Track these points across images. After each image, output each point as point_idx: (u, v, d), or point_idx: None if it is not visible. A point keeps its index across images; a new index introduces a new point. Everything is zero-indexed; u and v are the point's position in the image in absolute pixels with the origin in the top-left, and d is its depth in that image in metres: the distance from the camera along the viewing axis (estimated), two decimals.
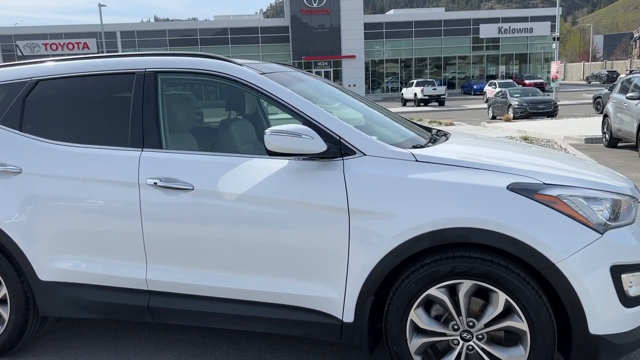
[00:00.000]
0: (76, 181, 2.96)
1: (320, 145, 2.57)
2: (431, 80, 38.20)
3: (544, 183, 2.43)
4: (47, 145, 3.06)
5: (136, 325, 3.60)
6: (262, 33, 50.61)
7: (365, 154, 2.62)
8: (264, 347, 3.28)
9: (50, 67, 3.24)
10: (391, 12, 63.88)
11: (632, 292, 2.40)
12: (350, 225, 2.55)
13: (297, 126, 2.61)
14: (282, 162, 2.68)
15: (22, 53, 45.63)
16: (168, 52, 3.16)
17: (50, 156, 3.03)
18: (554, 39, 33.17)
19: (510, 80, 35.71)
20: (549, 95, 26.25)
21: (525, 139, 13.30)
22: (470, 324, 2.47)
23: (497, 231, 2.35)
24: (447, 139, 3.21)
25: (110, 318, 3.09)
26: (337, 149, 2.62)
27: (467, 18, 53.93)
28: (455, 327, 2.49)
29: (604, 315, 2.35)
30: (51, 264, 3.03)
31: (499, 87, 29.50)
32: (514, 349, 2.45)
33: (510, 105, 21.99)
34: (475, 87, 45.94)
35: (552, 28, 40.92)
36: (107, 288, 3.00)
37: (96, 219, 2.95)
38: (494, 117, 23.13)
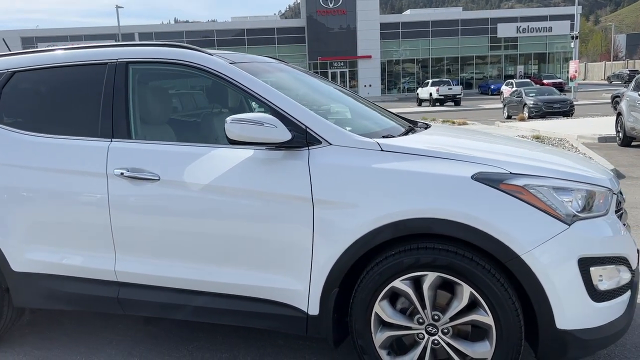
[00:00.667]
0: (47, 172, 2.95)
1: (285, 134, 2.52)
2: (447, 80, 37.78)
3: (511, 173, 2.35)
4: (20, 137, 3.06)
5: (113, 317, 3.59)
6: (278, 34, 50.68)
7: (330, 144, 2.56)
8: (239, 342, 3.23)
9: (26, 58, 3.24)
10: (408, 12, 63.51)
11: (602, 286, 2.31)
12: (314, 216, 2.50)
13: (260, 114, 2.56)
14: (248, 152, 2.64)
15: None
16: (141, 42, 3.14)
17: (22, 147, 3.03)
18: (572, 37, 32.61)
19: (528, 80, 35.19)
20: (566, 95, 25.81)
21: (537, 137, 13.05)
22: (436, 317, 2.40)
23: (460, 221, 2.28)
24: (424, 130, 3.13)
25: (82, 309, 3.08)
26: (303, 138, 2.57)
27: (485, 17, 53.34)
28: (421, 320, 2.43)
29: (571, 310, 2.26)
30: (24, 255, 3.03)
31: (516, 86, 29.10)
32: (480, 343, 2.37)
33: (526, 104, 21.67)
34: (492, 87, 45.34)
35: (572, 27, 40.24)
36: (78, 279, 2.98)
37: (66, 209, 2.93)
38: (509, 117, 22.83)
